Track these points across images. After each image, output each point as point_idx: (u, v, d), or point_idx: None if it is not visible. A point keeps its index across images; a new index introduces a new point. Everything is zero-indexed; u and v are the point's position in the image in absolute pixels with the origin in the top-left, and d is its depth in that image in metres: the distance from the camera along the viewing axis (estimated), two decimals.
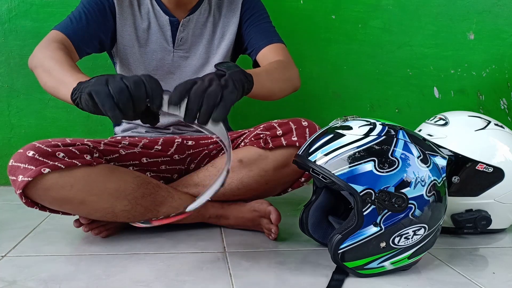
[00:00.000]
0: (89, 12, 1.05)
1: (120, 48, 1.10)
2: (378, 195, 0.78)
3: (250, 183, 1.03)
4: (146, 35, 1.10)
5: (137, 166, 1.05)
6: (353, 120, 0.86)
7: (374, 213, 0.78)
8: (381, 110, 1.60)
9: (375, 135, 0.81)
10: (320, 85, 1.57)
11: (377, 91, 1.59)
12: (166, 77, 1.13)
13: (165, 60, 1.12)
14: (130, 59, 1.11)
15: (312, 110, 1.57)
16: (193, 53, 1.14)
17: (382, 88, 1.59)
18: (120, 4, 1.07)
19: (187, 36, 1.12)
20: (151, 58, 1.12)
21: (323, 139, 0.83)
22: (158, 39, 1.11)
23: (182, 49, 1.13)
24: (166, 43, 1.11)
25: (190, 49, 1.14)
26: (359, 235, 0.79)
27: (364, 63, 1.57)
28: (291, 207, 1.25)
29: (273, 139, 1.02)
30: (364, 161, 0.78)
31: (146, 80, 0.70)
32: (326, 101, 1.58)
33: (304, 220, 0.96)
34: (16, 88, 1.44)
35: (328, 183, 0.81)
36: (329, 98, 1.58)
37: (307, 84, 1.55)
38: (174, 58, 1.12)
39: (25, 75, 1.44)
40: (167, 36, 1.11)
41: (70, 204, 0.91)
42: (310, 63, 1.55)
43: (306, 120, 1.02)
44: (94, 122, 1.48)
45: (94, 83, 0.71)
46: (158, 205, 0.98)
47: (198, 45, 1.14)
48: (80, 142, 0.96)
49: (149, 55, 1.11)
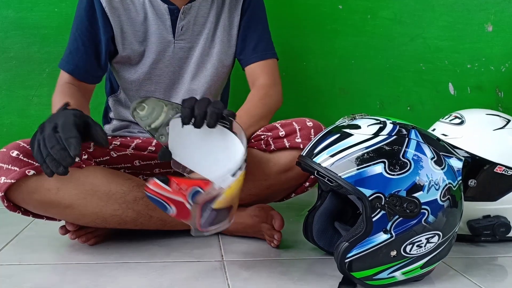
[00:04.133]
0: (83, 33, 1.07)
1: (119, 48, 1.10)
2: (388, 199, 0.78)
3: (251, 188, 1.03)
4: (143, 28, 1.10)
5: (129, 169, 1.05)
6: (362, 119, 0.86)
7: (384, 219, 0.78)
8: (391, 108, 1.60)
9: (385, 134, 0.81)
10: (326, 81, 1.57)
11: (387, 87, 1.59)
12: (167, 71, 1.13)
13: (166, 53, 1.12)
14: (132, 56, 1.11)
15: (317, 108, 1.56)
16: (195, 43, 1.13)
17: (393, 84, 1.59)
18: (110, 4, 1.07)
19: (189, 24, 1.12)
20: (151, 52, 1.11)
21: (329, 139, 0.83)
22: (157, 30, 1.10)
23: (184, 39, 1.12)
24: (166, 33, 1.11)
25: (192, 38, 1.13)
26: (367, 242, 0.79)
27: (373, 57, 1.57)
28: (294, 212, 1.25)
29: (275, 141, 1.02)
30: (373, 163, 0.78)
31: (60, 132, 0.77)
32: (332, 98, 1.58)
33: (309, 227, 0.97)
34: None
35: (334, 187, 0.81)
36: (335, 94, 1.58)
37: (312, 80, 1.55)
38: (175, 49, 1.12)
39: (7, 69, 1.44)
40: (167, 26, 1.11)
41: (56, 208, 0.91)
42: (315, 57, 1.55)
43: (311, 120, 1.03)
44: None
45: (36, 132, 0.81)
46: (151, 209, 0.98)
47: (200, 35, 1.14)
48: None
49: (149, 49, 1.11)
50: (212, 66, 1.15)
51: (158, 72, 1.13)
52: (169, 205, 0.79)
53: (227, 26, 1.15)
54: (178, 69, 1.14)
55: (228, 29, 1.15)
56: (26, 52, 1.44)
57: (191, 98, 0.83)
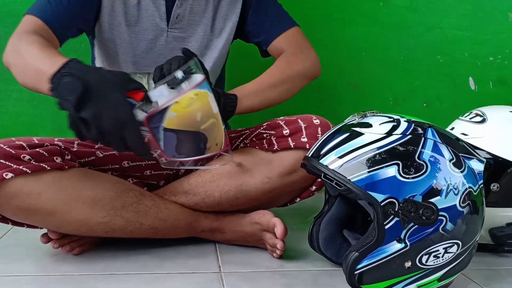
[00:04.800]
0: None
1: (104, 27, 1.10)
2: (402, 205, 0.78)
3: (251, 192, 1.03)
4: (136, 11, 1.10)
5: (117, 171, 1.05)
6: (373, 116, 0.86)
7: (398, 226, 0.78)
8: (406, 104, 1.60)
9: (399, 134, 0.81)
10: (333, 75, 1.57)
11: (401, 82, 1.59)
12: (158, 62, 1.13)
13: (158, 41, 1.12)
14: (117, 41, 1.11)
15: (325, 104, 1.57)
16: (190, 33, 1.14)
17: (408, 78, 1.59)
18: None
19: (185, 12, 1.12)
20: (141, 39, 1.11)
21: (337, 139, 0.83)
22: (150, 15, 1.10)
23: (178, 28, 1.13)
24: (159, 20, 1.11)
25: (188, 28, 1.13)
26: (379, 252, 0.79)
27: (386, 48, 1.57)
28: (299, 219, 1.25)
29: (279, 140, 1.02)
30: (386, 165, 0.78)
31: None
32: (341, 93, 1.58)
33: (315, 235, 0.97)
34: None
35: (343, 191, 0.81)
36: (344, 89, 1.58)
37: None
38: (168, 39, 1.12)
39: None
40: (161, 12, 1.11)
41: (37, 215, 0.91)
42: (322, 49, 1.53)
43: (318, 117, 1.03)
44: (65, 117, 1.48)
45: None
46: (141, 217, 0.98)
47: (197, 24, 1.14)
48: (49, 142, 0.96)
49: (139, 35, 1.11)
50: (210, 59, 1.15)
51: (148, 63, 1.12)
52: None
53: (228, 14, 1.15)
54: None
55: (228, 18, 1.15)
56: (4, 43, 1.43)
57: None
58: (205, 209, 1.05)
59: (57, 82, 0.75)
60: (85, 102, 0.74)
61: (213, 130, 0.87)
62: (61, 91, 0.75)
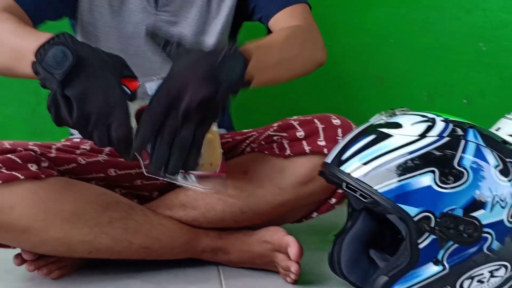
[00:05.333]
0: None
1: (85, 9, 1.11)
2: (439, 220, 0.77)
3: (260, 205, 1.03)
4: None
5: (102, 181, 1.06)
6: (404, 115, 0.86)
7: (435, 245, 0.78)
8: (442, 101, 1.60)
9: (435, 136, 0.81)
10: (356, 66, 1.57)
11: (436, 74, 1.59)
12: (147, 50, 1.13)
13: (145, 26, 1.12)
14: (99, 24, 1.12)
15: (346, 101, 1.57)
16: (183, 17, 1.14)
17: (444, 69, 1.59)
18: None
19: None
20: (126, 22, 1.12)
21: (362, 142, 0.83)
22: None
23: (168, 11, 1.13)
24: (146, 2, 1.12)
25: (179, 11, 1.14)
26: (413, 277, 0.79)
27: (418, 34, 1.57)
28: (317, 237, 1.25)
29: (292, 144, 1.02)
30: (420, 173, 0.78)
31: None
32: (365, 88, 1.58)
33: (336, 256, 0.96)
34: None
35: (368, 204, 0.81)
36: (369, 83, 1.58)
37: (338, 65, 1.55)
38: (156, 23, 1.13)
39: None
40: None
41: (9, 232, 0.92)
42: (343, 35, 1.55)
43: (337, 117, 1.03)
44: (42, 118, 1.50)
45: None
46: (131, 234, 0.99)
47: (190, 6, 1.14)
48: (23, 147, 0.97)
49: (124, 18, 1.12)
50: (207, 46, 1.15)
51: (134, 51, 1.13)
52: None
53: None
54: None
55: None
56: None
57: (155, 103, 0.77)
58: (205, 225, 1.05)
59: (44, 53, 0.74)
60: (73, 78, 0.74)
61: (208, 146, 0.86)
62: (46, 63, 0.74)
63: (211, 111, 0.79)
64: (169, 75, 0.78)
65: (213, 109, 0.79)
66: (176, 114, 0.76)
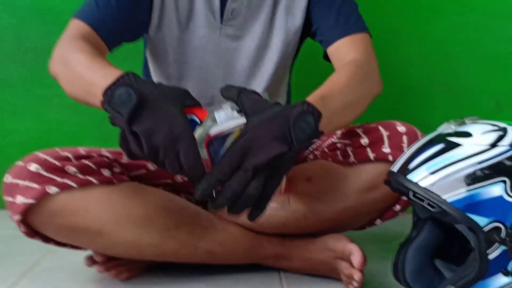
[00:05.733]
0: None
1: (154, 24, 1.14)
2: (510, 231, 0.76)
3: (323, 211, 1.03)
4: (187, 5, 1.13)
5: (169, 186, 1.09)
6: (474, 124, 0.85)
7: (505, 257, 0.77)
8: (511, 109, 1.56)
9: (507, 145, 0.80)
10: (422, 74, 1.55)
11: (506, 82, 1.56)
12: (209, 63, 1.16)
13: (210, 40, 1.15)
14: (167, 39, 1.14)
15: (411, 108, 1.55)
16: (247, 31, 1.16)
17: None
18: None
19: (241, 7, 1.14)
20: (193, 36, 1.14)
21: (429, 151, 0.82)
22: (201, 10, 1.13)
23: (233, 26, 1.15)
24: (212, 17, 1.14)
25: (244, 26, 1.16)
26: (482, 287, 0.78)
27: (486, 41, 1.54)
28: (379, 245, 1.24)
29: (356, 151, 1.02)
30: (490, 183, 0.77)
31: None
32: (431, 96, 1.56)
33: (400, 265, 0.95)
34: (9, 81, 1.53)
35: (436, 213, 0.80)
36: (435, 91, 1.56)
37: (403, 72, 1.54)
38: (221, 37, 1.15)
39: (22, 63, 1.52)
40: (214, 7, 1.14)
41: (84, 235, 0.95)
42: (407, 43, 1.54)
43: (403, 124, 1.02)
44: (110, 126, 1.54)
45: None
46: (196, 239, 1.01)
47: (255, 20, 1.16)
48: (96, 153, 1.01)
49: (191, 32, 1.14)
50: (271, 60, 1.17)
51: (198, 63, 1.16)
52: None
53: (290, 7, 1.16)
54: (225, 63, 1.16)
55: (291, 10, 1.16)
56: (45, 42, 1.52)
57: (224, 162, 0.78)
58: (268, 231, 1.06)
59: (111, 94, 0.78)
60: (138, 116, 0.77)
61: None
62: (114, 103, 0.78)
63: (283, 166, 0.81)
64: (244, 134, 0.79)
65: (286, 164, 0.81)
66: (244, 172, 0.78)
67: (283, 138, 0.79)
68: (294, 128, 0.80)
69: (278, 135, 0.79)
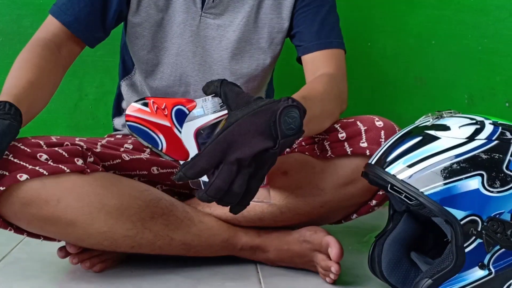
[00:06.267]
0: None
1: (133, 9, 1.11)
2: (486, 224, 0.77)
3: (299, 206, 1.03)
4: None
5: (144, 177, 1.07)
6: (451, 117, 0.86)
7: (481, 250, 0.77)
8: (484, 104, 1.58)
9: (483, 139, 0.81)
10: (398, 67, 1.56)
11: (479, 77, 1.57)
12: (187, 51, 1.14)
13: (188, 26, 1.13)
14: (145, 24, 1.12)
15: (387, 103, 1.56)
16: (228, 22, 1.14)
17: (486, 72, 1.57)
18: None
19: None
20: (171, 22, 1.13)
21: (407, 144, 0.83)
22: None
23: (213, 14, 1.13)
24: (192, 3, 1.12)
25: (225, 16, 1.14)
26: (458, 280, 0.79)
27: (460, 36, 1.55)
28: (355, 238, 1.25)
29: (333, 145, 1.02)
30: (467, 176, 0.78)
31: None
32: (406, 89, 1.56)
33: (376, 258, 0.96)
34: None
35: (413, 206, 0.80)
36: (410, 85, 1.57)
37: (380, 66, 1.54)
38: (200, 24, 1.13)
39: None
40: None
41: (56, 225, 0.93)
42: (384, 36, 1.55)
43: (380, 119, 1.02)
44: (84, 113, 1.53)
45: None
46: (172, 230, 1.00)
47: (237, 11, 1.14)
48: (69, 141, 0.98)
49: (169, 18, 1.12)
50: (252, 56, 1.16)
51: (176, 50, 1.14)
52: (156, 134, 0.83)
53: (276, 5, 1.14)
54: (202, 51, 1.15)
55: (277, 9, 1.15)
56: (16, 26, 1.49)
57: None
58: (245, 224, 1.06)
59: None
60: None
61: None
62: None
63: (267, 162, 0.80)
64: (228, 126, 0.78)
65: (270, 160, 0.80)
66: (228, 168, 0.77)
67: (268, 133, 0.78)
68: (279, 122, 0.78)
69: (263, 130, 0.78)
